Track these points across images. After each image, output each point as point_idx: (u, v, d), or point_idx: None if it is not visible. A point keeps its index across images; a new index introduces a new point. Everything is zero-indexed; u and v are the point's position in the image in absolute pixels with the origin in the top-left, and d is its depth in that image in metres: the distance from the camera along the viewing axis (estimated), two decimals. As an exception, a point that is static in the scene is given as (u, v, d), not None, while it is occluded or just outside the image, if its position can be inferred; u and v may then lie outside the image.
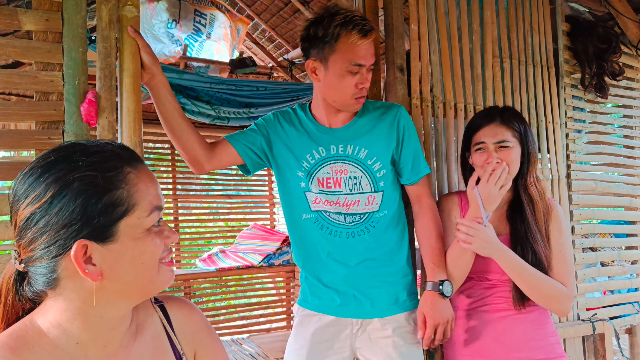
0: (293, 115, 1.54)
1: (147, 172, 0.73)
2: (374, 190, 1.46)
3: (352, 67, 1.35)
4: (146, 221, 0.70)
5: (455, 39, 1.97)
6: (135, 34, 1.27)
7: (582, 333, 2.10)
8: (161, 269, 0.73)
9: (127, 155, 0.72)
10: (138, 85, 1.27)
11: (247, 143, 1.50)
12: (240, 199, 5.09)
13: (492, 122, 1.52)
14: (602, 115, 2.43)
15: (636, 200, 2.48)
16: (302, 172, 1.47)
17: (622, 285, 2.38)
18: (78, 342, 0.70)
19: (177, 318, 0.84)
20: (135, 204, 0.69)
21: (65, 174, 0.66)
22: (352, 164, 1.45)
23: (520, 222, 1.47)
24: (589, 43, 2.25)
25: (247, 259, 4.51)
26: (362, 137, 1.46)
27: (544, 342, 1.46)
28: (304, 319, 1.51)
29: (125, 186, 0.68)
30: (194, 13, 4.31)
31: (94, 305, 0.69)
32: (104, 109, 1.22)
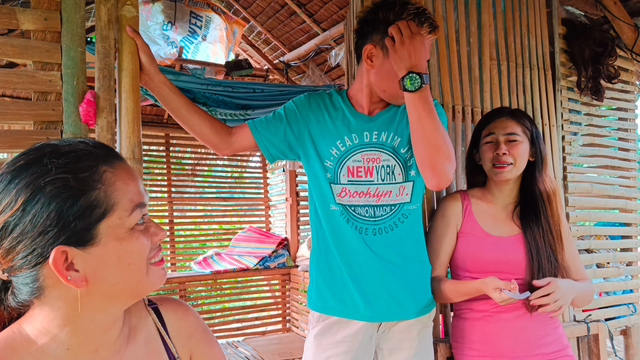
0: (327, 99, 1.47)
1: (126, 169, 0.69)
2: (405, 180, 1.41)
3: None
4: (128, 220, 0.66)
5: (453, 41, 1.97)
6: (134, 33, 1.26)
7: (576, 334, 2.11)
8: (150, 270, 0.70)
9: (102, 153, 0.68)
10: (137, 85, 1.26)
11: (268, 134, 1.44)
12: (235, 201, 5.07)
13: (502, 116, 1.55)
14: (597, 117, 2.45)
15: (631, 202, 2.49)
16: (331, 160, 1.41)
17: (618, 287, 2.39)
18: (68, 348, 0.67)
19: (172, 320, 0.81)
20: (114, 204, 0.65)
21: (36, 178, 0.62)
22: (385, 151, 1.40)
23: (535, 224, 1.48)
24: (585, 46, 2.27)
25: (242, 262, 4.50)
26: (395, 124, 1.42)
27: (555, 335, 1.50)
28: (329, 328, 1.41)
29: (102, 186, 0.65)
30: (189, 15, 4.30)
31: (81, 311, 0.66)
32: (103, 109, 1.21)
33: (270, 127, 1.45)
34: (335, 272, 1.42)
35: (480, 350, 1.50)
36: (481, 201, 1.59)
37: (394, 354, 1.42)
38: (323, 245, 1.45)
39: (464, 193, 1.63)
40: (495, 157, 1.51)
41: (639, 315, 2.43)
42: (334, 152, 1.41)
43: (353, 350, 1.38)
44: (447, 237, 1.57)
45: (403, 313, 1.42)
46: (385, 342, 1.43)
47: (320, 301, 1.44)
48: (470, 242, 1.53)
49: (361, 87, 1.44)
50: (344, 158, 1.41)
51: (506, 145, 1.50)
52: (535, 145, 1.52)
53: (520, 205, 1.54)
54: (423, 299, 1.45)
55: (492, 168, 1.53)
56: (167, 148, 4.69)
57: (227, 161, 5.08)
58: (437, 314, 1.85)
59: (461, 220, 1.57)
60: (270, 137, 1.45)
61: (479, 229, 1.53)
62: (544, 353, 1.46)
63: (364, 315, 1.39)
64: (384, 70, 1.34)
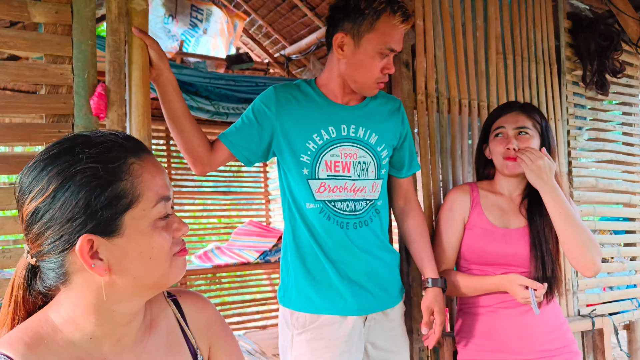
0: (297, 90, 1.41)
1: (153, 162, 0.71)
2: (376, 177, 1.43)
3: (385, 50, 1.30)
4: (152, 212, 0.67)
5: (460, 35, 1.97)
6: (142, 34, 1.23)
7: (581, 328, 2.12)
8: (174, 262, 0.71)
9: (131, 145, 0.69)
10: (147, 78, 1.25)
11: (243, 142, 1.39)
12: (235, 195, 5.06)
13: (513, 110, 1.55)
14: (602, 112, 2.45)
15: (635, 197, 2.50)
16: (308, 155, 1.36)
17: (621, 282, 2.40)
18: (92, 338, 0.69)
19: (191, 312, 0.83)
20: (139, 195, 0.66)
21: (67, 166, 0.64)
22: (362, 148, 1.40)
23: (539, 217, 1.49)
24: (590, 40, 2.27)
25: (243, 256, 4.50)
26: (374, 121, 1.42)
27: (560, 331, 1.50)
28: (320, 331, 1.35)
29: (129, 177, 0.66)
30: (190, 8, 4.27)
31: (105, 301, 0.67)
32: (114, 103, 1.20)
33: (243, 134, 1.39)
34: (318, 270, 1.38)
35: (484, 345, 1.51)
36: (490, 193, 1.59)
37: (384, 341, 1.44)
38: (301, 244, 1.40)
39: (473, 185, 1.63)
40: (506, 151, 1.51)
41: (642, 310, 2.45)
42: (311, 146, 1.36)
43: (350, 349, 1.35)
44: (455, 230, 1.57)
45: (391, 300, 1.45)
46: (375, 334, 1.43)
47: (305, 301, 1.38)
48: (477, 234, 1.54)
49: (332, 76, 1.41)
50: (322, 152, 1.37)
51: (516, 139, 1.50)
52: (545, 140, 1.53)
53: (528, 198, 1.54)
54: (400, 285, 1.51)
55: (503, 161, 1.53)
56: (167, 142, 4.68)
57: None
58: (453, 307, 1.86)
59: (469, 213, 1.57)
60: (245, 144, 1.39)
61: (486, 222, 1.54)
62: (548, 349, 1.46)
63: (353, 310, 1.37)
64: (355, 59, 1.32)
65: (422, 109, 1.85)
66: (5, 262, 1.14)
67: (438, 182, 1.86)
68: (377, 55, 1.31)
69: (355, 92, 1.41)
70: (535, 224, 1.49)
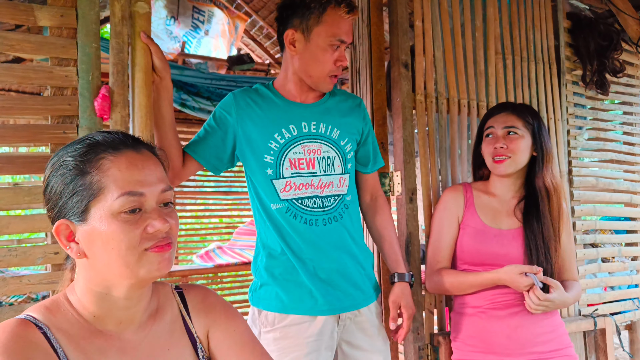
0: (255, 94, 1.42)
1: (130, 158, 0.75)
2: (343, 172, 1.42)
3: (335, 42, 1.32)
4: (114, 205, 0.71)
5: (459, 35, 1.98)
6: (148, 39, 1.25)
7: (583, 328, 2.12)
8: (145, 257, 0.73)
9: (110, 143, 0.75)
10: (149, 80, 1.27)
11: (209, 150, 1.39)
12: (236, 195, 5.07)
13: (503, 110, 1.56)
14: (602, 112, 2.46)
15: (636, 196, 2.51)
16: (271, 155, 1.36)
17: (623, 282, 2.40)
18: (95, 316, 0.76)
19: (193, 302, 0.88)
20: (102, 188, 0.72)
21: (57, 159, 0.75)
22: (325, 143, 1.40)
23: (536, 219, 1.49)
24: (590, 40, 2.28)
25: (244, 255, 4.51)
26: (334, 116, 1.42)
27: (554, 334, 1.48)
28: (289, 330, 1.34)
29: (95, 171, 0.72)
30: (192, 10, 4.30)
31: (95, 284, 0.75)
32: (117, 104, 1.22)
33: (207, 142, 1.39)
34: (288, 270, 1.37)
35: (474, 345, 1.51)
36: (483, 194, 1.60)
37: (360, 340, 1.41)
38: (270, 245, 1.39)
39: (467, 185, 1.64)
40: (494, 150, 1.52)
41: (643, 309, 2.45)
42: (273, 146, 1.37)
43: (319, 349, 1.33)
44: (449, 229, 1.58)
45: (365, 298, 1.42)
46: (349, 333, 1.40)
47: (274, 301, 1.37)
48: (470, 234, 1.54)
49: (288, 75, 1.42)
50: (284, 150, 1.37)
51: (505, 139, 1.51)
52: (538, 140, 1.52)
53: (525, 199, 1.55)
54: (374, 283, 1.49)
55: (492, 162, 1.54)
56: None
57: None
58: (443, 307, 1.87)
59: (462, 212, 1.58)
60: (210, 152, 1.39)
61: (479, 222, 1.55)
62: (539, 352, 1.45)
63: (323, 310, 1.35)
64: (307, 54, 1.34)
65: (421, 109, 1.86)
66: (12, 260, 1.16)
67: (437, 182, 1.87)
68: (328, 47, 1.33)
69: (313, 90, 1.42)
70: (531, 226, 1.48)
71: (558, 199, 1.52)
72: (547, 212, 1.49)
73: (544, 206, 1.49)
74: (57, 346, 0.70)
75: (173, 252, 0.77)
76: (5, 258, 1.16)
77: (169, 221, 0.75)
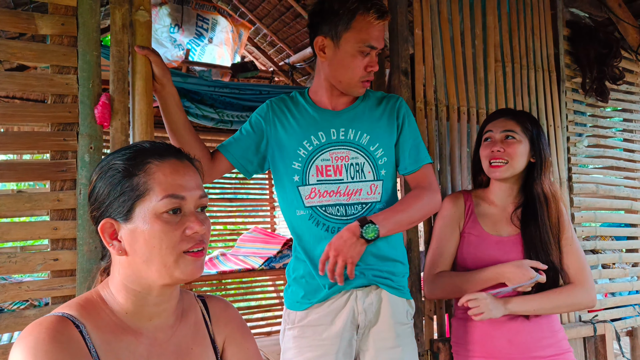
0: (290, 102, 1.47)
1: (174, 165, 0.82)
2: (376, 179, 1.40)
3: (364, 48, 1.32)
4: (157, 206, 0.77)
5: (459, 43, 2.00)
6: (145, 50, 1.26)
7: (583, 334, 2.12)
8: (182, 259, 0.79)
9: (160, 150, 0.83)
10: (150, 88, 1.29)
11: (241, 152, 1.44)
12: (240, 202, 5.09)
13: (503, 116, 1.56)
14: (602, 119, 2.46)
15: (637, 203, 2.50)
16: (299, 162, 1.39)
17: (623, 288, 2.39)
18: (127, 312, 0.81)
19: (215, 310, 0.94)
20: (148, 190, 0.78)
21: (105, 163, 0.82)
22: (354, 149, 1.40)
23: (534, 225, 1.48)
24: (590, 48, 2.28)
25: (248, 262, 4.52)
26: (364, 122, 1.42)
27: (554, 339, 1.48)
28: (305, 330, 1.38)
29: (143, 174, 0.79)
30: (196, 18, 4.33)
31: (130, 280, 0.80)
32: (117, 111, 1.24)
33: (241, 145, 1.44)
34: (307, 275, 1.40)
35: (475, 351, 1.51)
36: (483, 201, 1.61)
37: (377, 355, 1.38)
38: (297, 249, 1.44)
39: (467, 193, 1.64)
40: (491, 154, 1.52)
41: (644, 316, 2.44)
42: (301, 153, 1.39)
43: (334, 353, 1.35)
44: (450, 236, 1.58)
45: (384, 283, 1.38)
46: (365, 344, 1.40)
47: (295, 300, 1.42)
48: (472, 241, 1.55)
49: (320, 82, 1.44)
50: (312, 157, 1.39)
51: (503, 143, 1.51)
52: (536, 147, 1.52)
53: (523, 206, 1.55)
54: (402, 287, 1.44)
55: (488, 166, 1.54)
56: (174, 149, 4.73)
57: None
58: (443, 313, 1.87)
59: (464, 220, 1.59)
60: (242, 154, 1.44)
61: (479, 229, 1.55)
62: (540, 356, 1.45)
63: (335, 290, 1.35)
64: (336, 60, 1.35)
65: (421, 117, 1.87)
66: (11, 267, 1.17)
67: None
68: (357, 53, 1.33)
69: (345, 95, 1.43)
70: (530, 232, 1.49)
71: (557, 205, 1.52)
72: (545, 218, 1.49)
73: (542, 212, 1.49)
74: (90, 345, 0.74)
75: (204, 259, 0.84)
76: (5, 265, 1.17)
77: (205, 225, 0.82)
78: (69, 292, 1.20)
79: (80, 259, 1.21)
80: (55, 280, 1.20)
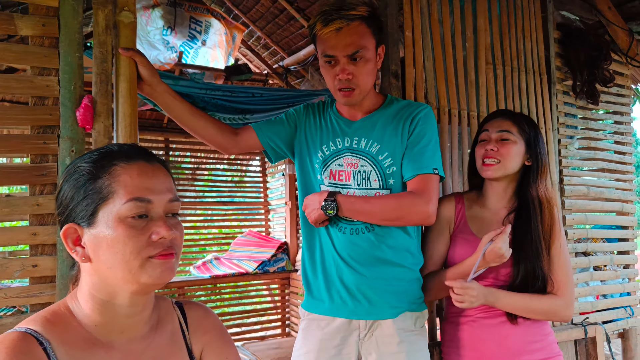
0: (322, 107, 1.56)
1: (142, 168, 0.78)
2: (382, 187, 1.42)
3: (325, 58, 1.35)
4: (121, 209, 0.74)
5: (449, 46, 1.99)
6: (130, 52, 1.26)
7: (574, 337, 2.11)
8: (148, 263, 0.75)
9: (123, 152, 0.79)
10: (134, 90, 1.27)
11: (271, 134, 1.53)
12: (235, 205, 5.07)
13: (500, 116, 1.55)
14: (593, 121, 2.46)
15: (627, 205, 2.50)
16: (318, 164, 1.48)
17: (615, 290, 2.39)
18: (96, 325, 0.76)
19: (193, 318, 0.90)
20: (112, 192, 0.74)
21: (72, 165, 0.79)
22: (363, 158, 1.43)
23: (526, 230, 1.45)
24: (580, 50, 2.29)
25: (241, 266, 4.49)
26: (376, 131, 1.44)
27: (543, 342, 1.47)
28: (311, 323, 1.46)
29: (107, 176, 0.75)
30: (189, 20, 4.32)
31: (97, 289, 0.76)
32: (100, 114, 1.22)
33: (274, 129, 1.53)
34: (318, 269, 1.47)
35: (465, 355, 1.50)
36: (475, 204, 1.59)
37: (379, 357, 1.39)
38: (311, 241, 1.50)
39: (459, 196, 1.63)
40: (485, 152, 1.50)
41: (636, 318, 2.44)
42: (319, 155, 1.48)
43: (330, 347, 1.40)
44: (439, 239, 1.57)
45: (383, 312, 1.40)
46: (369, 347, 1.40)
47: (307, 297, 1.51)
48: (461, 244, 1.53)
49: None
50: (328, 161, 1.46)
51: (497, 142, 1.50)
52: (532, 149, 1.51)
53: (516, 211, 1.52)
54: (402, 300, 1.43)
55: (481, 164, 1.52)
56: (167, 152, 4.70)
57: (227, 165, 5.09)
58: (434, 317, 1.86)
59: (454, 223, 1.58)
60: (273, 137, 1.53)
61: (469, 232, 1.54)
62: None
63: (344, 313, 1.41)
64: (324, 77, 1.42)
65: (410, 119, 1.86)
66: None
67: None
68: (324, 64, 1.38)
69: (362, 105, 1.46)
70: (521, 237, 1.44)
71: (551, 211, 1.49)
72: (538, 224, 1.45)
73: (535, 217, 1.46)
74: None
75: (176, 263, 0.78)
76: (-17, 270, 1.14)
77: (174, 230, 0.77)
78: (48, 299, 1.17)
79: (60, 265, 1.19)
80: (34, 287, 1.17)
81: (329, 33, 1.33)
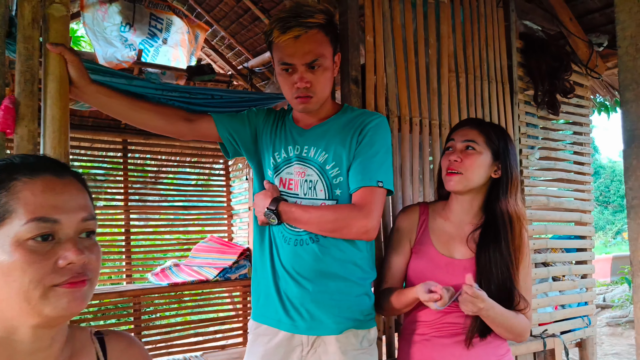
0: (280, 114, 1.53)
1: (48, 183, 0.68)
2: (328, 198, 1.38)
3: (281, 66, 1.34)
4: (21, 231, 0.64)
5: (412, 52, 1.94)
6: (59, 48, 1.15)
7: (533, 349, 2.10)
8: (52, 292, 0.64)
9: (27, 165, 0.69)
10: (65, 90, 1.16)
11: (232, 130, 1.48)
12: (198, 210, 4.92)
13: (467, 125, 1.48)
14: (553, 131, 2.47)
15: (586, 215, 2.52)
16: (271, 170, 1.45)
17: (573, 300, 2.41)
18: None
19: (115, 351, 0.80)
20: (10, 212, 0.64)
21: None
22: (311, 167, 1.40)
23: (492, 248, 1.36)
24: (542, 60, 2.29)
25: (202, 273, 4.35)
26: (325, 140, 1.41)
27: None
28: (256, 338, 1.43)
29: (5, 193, 0.65)
30: (149, 17, 4.16)
31: None
32: (24, 117, 1.10)
33: (234, 125, 1.48)
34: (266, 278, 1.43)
35: None
36: (439, 216, 1.50)
37: None
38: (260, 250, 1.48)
39: (424, 206, 1.55)
40: (448, 163, 1.43)
41: (593, 328, 2.46)
42: (272, 163, 1.45)
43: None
44: (399, 251, 1.51)
45: (326, 328, 1.35)
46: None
47: (255, 308, 1.48)
48: (421, 259, 1.47)
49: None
50: (280, 169, 1.44)
51: (462, 153, 1.42)
52: (501, 161, 1.42)
53: (482, 227, 1.42)
54: (348, 316, 1.37)
55: (445, 175, 1.45)
56: (125, 155, 4.51)
57: (190, 168, 4.94)
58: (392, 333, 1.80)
59: (415, 235, 1.51)
60: (233, 134, 1.48)
61: (430, 247, 1.47)
62: None
63: (288, 326, 1.37)
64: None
65: (371, 127, 1.80)
66: None
67: (387, 201, 1.81)
68: (281, 72, 1.35)
69: (315, 114, 1.43)
70: (486, 254, 1.37)
71: (520, 228, 1.40)
72: (507, 241, 1.36)
73: (505, 234, 1.36)
74: None
75: (89, 290, 0.68)
76: None
77: (86, 254, 0.67)
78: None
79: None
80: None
81: (287, 41, 1.29)
